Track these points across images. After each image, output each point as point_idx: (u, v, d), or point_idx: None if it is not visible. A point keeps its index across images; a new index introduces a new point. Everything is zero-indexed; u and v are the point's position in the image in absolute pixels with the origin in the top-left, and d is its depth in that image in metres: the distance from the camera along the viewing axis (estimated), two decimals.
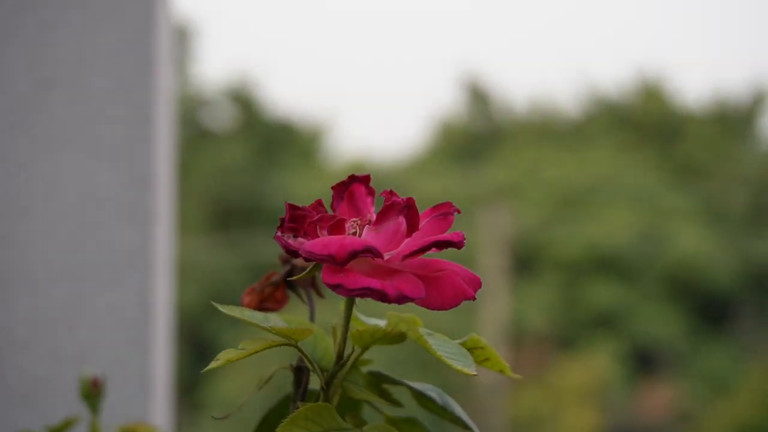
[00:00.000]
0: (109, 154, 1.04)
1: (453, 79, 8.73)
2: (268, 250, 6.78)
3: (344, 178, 0.67)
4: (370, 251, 0.60)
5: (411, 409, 0.73)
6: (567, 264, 7.33)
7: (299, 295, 0.73)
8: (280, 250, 0.71)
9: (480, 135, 8.40)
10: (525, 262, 7.30)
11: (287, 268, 0.73)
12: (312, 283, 0.74)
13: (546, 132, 8.27)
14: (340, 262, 0.60)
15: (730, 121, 8.27)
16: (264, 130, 7.58)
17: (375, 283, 0.60)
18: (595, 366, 6.83)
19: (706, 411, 6.83)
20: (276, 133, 7.53)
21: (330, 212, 0.66)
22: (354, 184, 0.66)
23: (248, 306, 0.72)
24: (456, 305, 0.62)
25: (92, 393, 0.89)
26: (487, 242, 7.16)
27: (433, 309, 0.62)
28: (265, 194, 7.07)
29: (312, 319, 0.71)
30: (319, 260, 0.60)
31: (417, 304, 0.62)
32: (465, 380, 6.75)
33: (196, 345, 6.79)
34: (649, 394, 7.03)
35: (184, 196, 6.91)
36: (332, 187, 0.66)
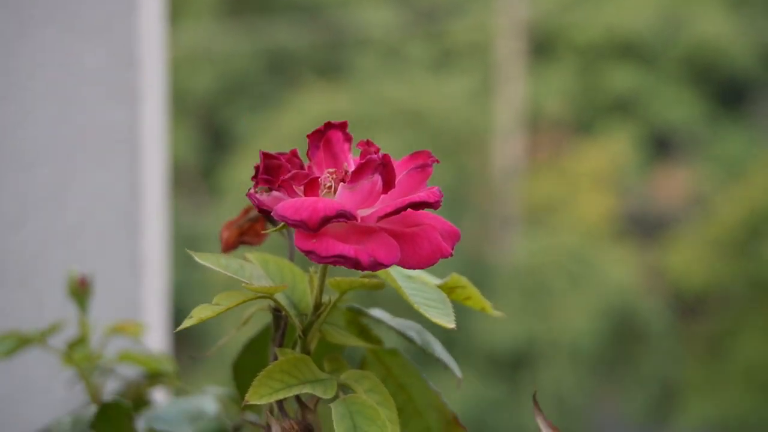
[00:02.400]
0: (93, 30, 1.01)
1: None
2: (283, 35, 6.71)
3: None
4: (344, 215, 0.59)
5: (394, 339, 0.73)
6: (585, 47, 7.23)
7: (279, 230, 0.72)
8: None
9: None
10: (542, 46, 7.21)
11: (276, 230, 0.71)
12: None
13: None
14: (312, 227, 0.58)
15: None
16: None
17: (348, 250, 0.58)
18: (612, 150, 6.82)
19: (721, 194, 6.86)
20: None
21: (306, 161, 0.64)
22: (330, 131, 0.64)
23: (227, 240, 0.71)
24: (432, 264, 0.61)
25: (80, 291, 0.88)
26: (505, 26, 7.06)
27: (409, 269, 0.61)
28: None
29: (291, 256, 0.70)
30: (291, 225, 0.59)
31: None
32: (481, 165, 6.78)
33: (213, 131, 6.80)
34: (664, 178, 7.04)
35: None
36: (308, 136, 0.64)
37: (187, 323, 0.61)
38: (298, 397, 0.65)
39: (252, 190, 0.61)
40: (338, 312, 0.69)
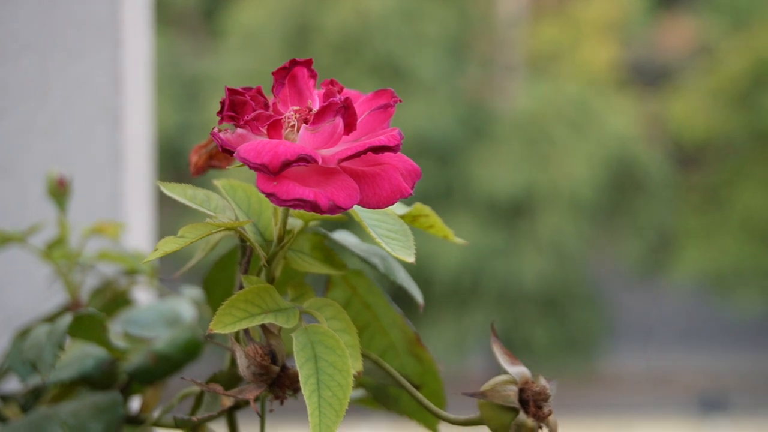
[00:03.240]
0: None
1: None
2: None
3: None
4: (304, 159, 0.60)
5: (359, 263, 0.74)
6: None
7: None
8: None
9: None
10: None
11: (234, 166, 0.72)
12: None
13: None
14: (273, 171, 0.60)
15: None
16: None
17: (308, 194, 0.60)
18: None
19: (725, 44, 6.81)
20: None
21: (271, 98, 0.65)
22: (296, 68, 0.65)
23: (196, 164, 0.72)
24: (392, 204, 0.62)
25: (59, 191, 0.90)
26: None
27: (368, 208, 0.62)
28: None
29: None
30: (253, 168, 0.60)
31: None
32: (485, 12, 6.71)
33: None
34: (669, 27, 6.98)
35: None
36: (273, 73, 0.65)
37: (151, 256, 0.63)
38: (262, 324, 0.67)
39: (216, 129, 0.62)
40: (303, 237, 0.70)
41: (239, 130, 0.63)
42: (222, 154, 0.72)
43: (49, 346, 0.75)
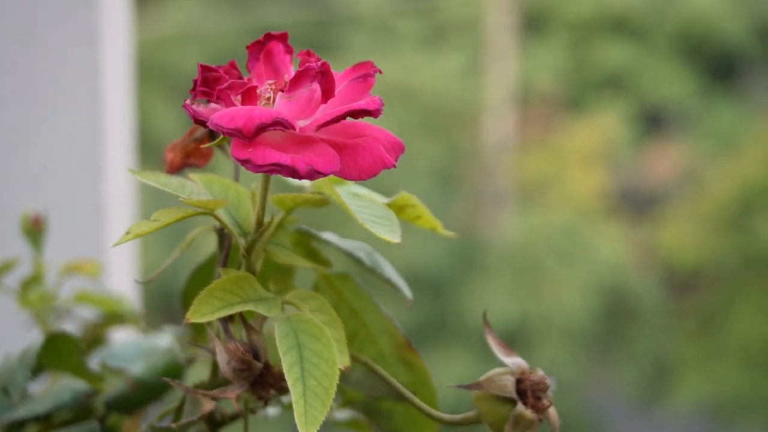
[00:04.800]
0: None
1: None
2: (272, 14, 6.68)
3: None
4: (281, 123, 0.57)
5: (343, 263, 0.71)
6: (576, 22, 7.21)
7: (224, 151, 0.70)
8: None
9: None
10: (533, 22, 7.19)
11: (214, 144, 0.70)
12: None
13: None
14: (248, 136, 0.57)
15: None
16: None
17: (285, 159, 0.57)
18: (603, 126, 6.80)
19: (713, 170, 6.84)
20: None
21: (245, 74, 0.62)
22: (271, 42, 0.63)
23: (172, 162, 0.70)
24: (374, 175, 0.59)
25: (34, 229, 0.87)
26: (495, 1, 7.04)
27: (350, 179, 0.59)
28: None
29: (236, 176, 0.69)
30: (227, 134, 0.57)
31: (333, 175, 0.59)
32: (472, 142, 6.76)
33: None
34: (656, 154, 7.02)
35: None
36: (247, 47, 0.63)
37: (123, 239, 0.60)
38: (243, 319, 0.64)
39: (188, 101, 0.60)
40: (285, 233, 0.67)
41: (212, 105, 0.60)
42: (199, 151, 0.70)
43: (21, 368, 0.72)
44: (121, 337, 0.91)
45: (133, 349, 0.81)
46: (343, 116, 0.58)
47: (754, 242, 6.89)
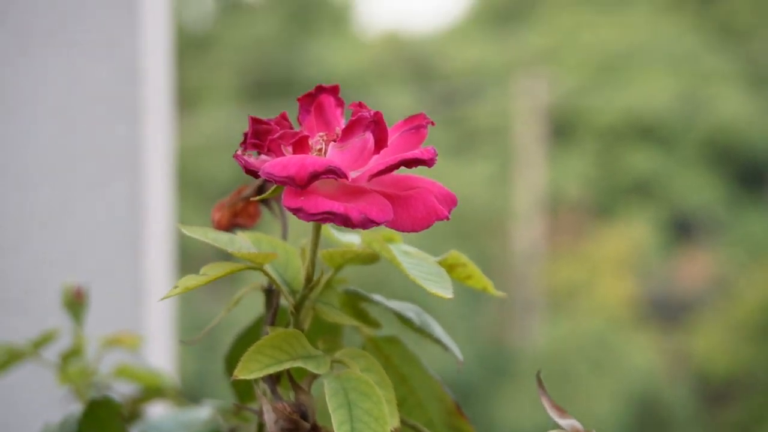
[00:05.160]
0: (96, 46, 0.99)
1: None
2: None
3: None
4: (333, 172, 0.56)
5: (392, 324, 0.70)
6: (604, 130, 7.23)
7: (272, 210, 0.69)
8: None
9: (517, 0, 8.24)
10: (562, 130, 7.22)
11: (259, 181, 0.69)
12: None
13: None
14: (300, 184, 0.56)
15: None
16: (296, 0, 7.47)
17: (338, 207, 0.56)
18: (632, 234, 6.79)
19: (744, 277, 6.80)
20: (308, 4, 7.44)
21: (296, 126, 0.62)
22: (322, 95, 0.62)
23: (219, 222, 0.69)
24: (428, 226, 0.58)
25: (75, 302, 0.86)
26: (524, 109, 7.08)
27: (403, 231, 0.58)
28: (297, 65, 6.99)
29: (284, 235, 0.68)
30: (279, 182, 0.56)
31: (386, 226, 0.58)
32: (501, 250, 6.74)
33: None
34: (686, 261, 6.99)
35: (214, 68, 6.85)
36: (298, 99, 0.62)
37: (172, 293, 0.59)
38: (291, 378, 0.63)
39: (239, 151, 0.59)
40: (334, 293, 0.66)
41: (263, 157, 0.59)
42: (247, 212, 0.69)
43: None
44: (160, 411, 0.90)
45: (173, 421, 0.80)
46: (397, 165, 0.57)
47: None
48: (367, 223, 0.56)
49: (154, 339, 0.97)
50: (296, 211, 0.56)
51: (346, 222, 0.56)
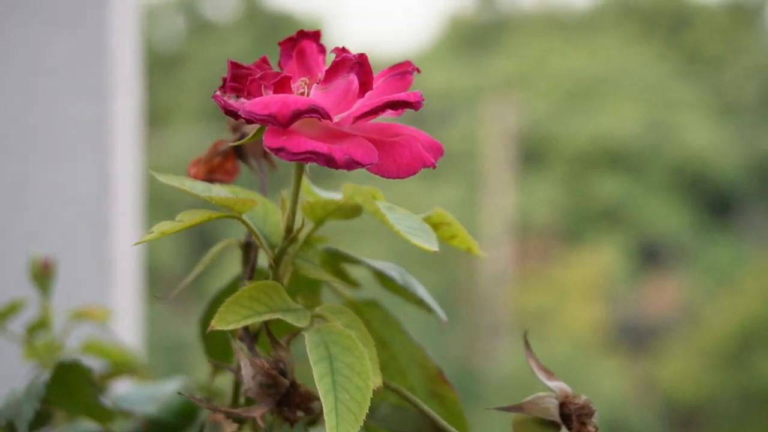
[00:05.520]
0: (63, 20, 0.97)
1: None
2: None
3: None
4: (317, 111, 0.54)
5: (371, 289, 0.68)
6: (573, 157, 7.25)
7: (251, 166, 0.67)
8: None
9: (487, 26, 8.27)
10: (531, 155, 7.23)
11: (237, 135, 0.67)
12: (264, 154, 0.68)
13: (553, 22, 8.14)
14: (282, 122, 0.54)
15: (741, 11, 8.13)
16: (265, 20, 7.46)
17: (321, 147, 0.54)
18: (601, 260, 6.79)
19: (711, 305, 6.80)
20: (278, 24, 7.42)
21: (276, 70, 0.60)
22: (304, 41, 0.60)
23: (195, 177, 0.66)
24: (414, 173, 0.56)
25: (42, 273, 0.83)
26: (493, 135, 7.08)
27: (389, 177, 0.56)
28: None
29: (263, 192, 0.66)
30: (260, 121, 0.54)
31: (370, 171, 0.56)
32: (469, 274, 6.73)
33: (202, 238, 6.75)
34: (654, 288, 6.99)
35: (183, 87, 6.82)
36: (279, 44, 0.60)
37: (147, 237, 0.56)
38: (270, 334, 0.60)
39: (218, 92, 0.57)
40: (314, 251, 0.64)
41: (243, 100, 0.57)
42: (224, 168, 0.66)
43: (27, 401, 0.67)
44: (128, 387, 0.87)
45: (142, 393, 0.77)
46: (383, 107, 0.55)
47: (755, 379, 6.82)
48: (351, 164, 0.54)
49: (122, 315, 0.94)
50: (278, 151, 0.54)
51: (329, 162, 0.54)
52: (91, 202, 0.96)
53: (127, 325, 0.96)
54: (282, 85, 0.56)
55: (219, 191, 0.60)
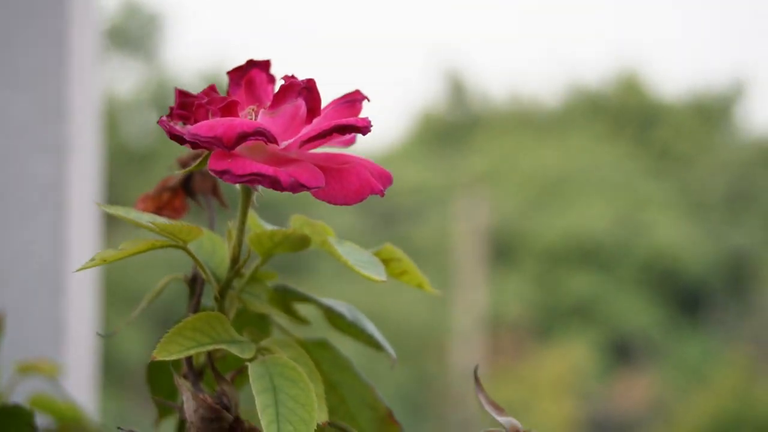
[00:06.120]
0: (20, 79, 0.96)
1: (430, 67, 8.68)
2: None
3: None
4: (263, 134, 0.53)
5: (322, 329, 0.67)
6: (544, 253, 7.26)
7: (199, 203, 0.66)
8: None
9: (458, 123, 8.33)
10: (502, 251, 7.24)
11: (185, 171, 0.66)
12: (214, 191, 0.67)
13: (524, 120, 8.21)
14: (228, 145, 0.53)
15: (708, 110, 8.23)
16: None
17: (266, 169, 0.53)
18: (572, 356, 6.77)
19: (683, 401, 6.78)
20: None
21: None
22: (253, 70, 0.59)
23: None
24: (362, 199, 0.55)
25: None
26: (465, 231, 7.09)
27: (335, 202, 0.55)
28: None
29: (212, 225, 0.64)
30: (205, 143, 0.53)
31: (316, 196, 0.55)
32: (440, 369, 6.69)
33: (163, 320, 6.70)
34: (625, 384, 6.97)
35: (154, 184, 6.81)
36: (228, 73, 0.59)
37: (87, 265, 0.55)
38: (214, 369, 0.59)
39: (164, 118, 0.56)
40: (262, 287, 0.62)
41: (189, 127, 0.56)
42: (172, 205, 0.65)
43: None
44: None
45: None
46: (330, 131, 0.54)
47: None
48: (296, 187, 0.53)
49: (73, 371, 0.92)
50: (222, 174, 0.53)
51: (274, 184, 0.53)
52: (47, 259, 0.95)
53: (78, 383, 0.94)
54: (229, 109, 0.55)
55: (164, 222, 0.59)
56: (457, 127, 8.35)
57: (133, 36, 7.83)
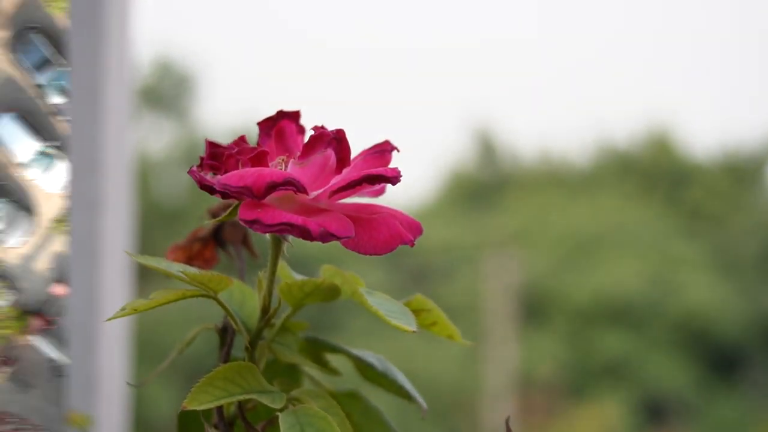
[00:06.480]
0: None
1: (461, 127, 8.70)
2: None
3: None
4: (293, 184, 0.54)
5: (352, 380, 0.67)
6: (575, 312, 7.23)
7: (230, 254, 0.67)
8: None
9: (488, 182, 8.34)
10: (533, 310, 7.21)
11: (216, 221, 0.66)
12: (244, 241, 0.67)
13: (554, 180, 8.21)
14: (257, 194, 0.53)
15: (739, 170, 8.20)
16: None
17: (296, 219, 0.53)
18: (604, 416, 6.71)
19: None
20: None
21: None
22: (283, 121, 0.60)
23: None
24: (392, 249, 0.55)
25: None
26: (495, 289, 7.08)
27: (365, 253, 0.55)
28: (263, 239, 7.00)
29: (242, 275, 0.65)
30: (235, 193, 0.54)
31: (346, 246, 0.55)
32: (470, 427, 6.65)
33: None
34: None
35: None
36: (258, 123, 0.60)
37: (118, 314, 0.55)
38: (245, 419, 0.59)
39: (194, 167, 0.57)
40: (293, 337, 0.63)
41: (220, 177, 0.57)
42: (203, 255, 0.66)
43: None
44: None
45: None
46: (360, 181, 0.55)
47: None
48: (326, 237, 0.53)
49: (104, 424, 0.92)
50: (252, 223, 0.53)
51: (304, 234, 0.53)
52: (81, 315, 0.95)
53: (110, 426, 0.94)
54: (259, 159, 0.56)
55: (195, 272, 0.59)
56: (487, 185, 8.36)
57: (165, 95, 7.90)
